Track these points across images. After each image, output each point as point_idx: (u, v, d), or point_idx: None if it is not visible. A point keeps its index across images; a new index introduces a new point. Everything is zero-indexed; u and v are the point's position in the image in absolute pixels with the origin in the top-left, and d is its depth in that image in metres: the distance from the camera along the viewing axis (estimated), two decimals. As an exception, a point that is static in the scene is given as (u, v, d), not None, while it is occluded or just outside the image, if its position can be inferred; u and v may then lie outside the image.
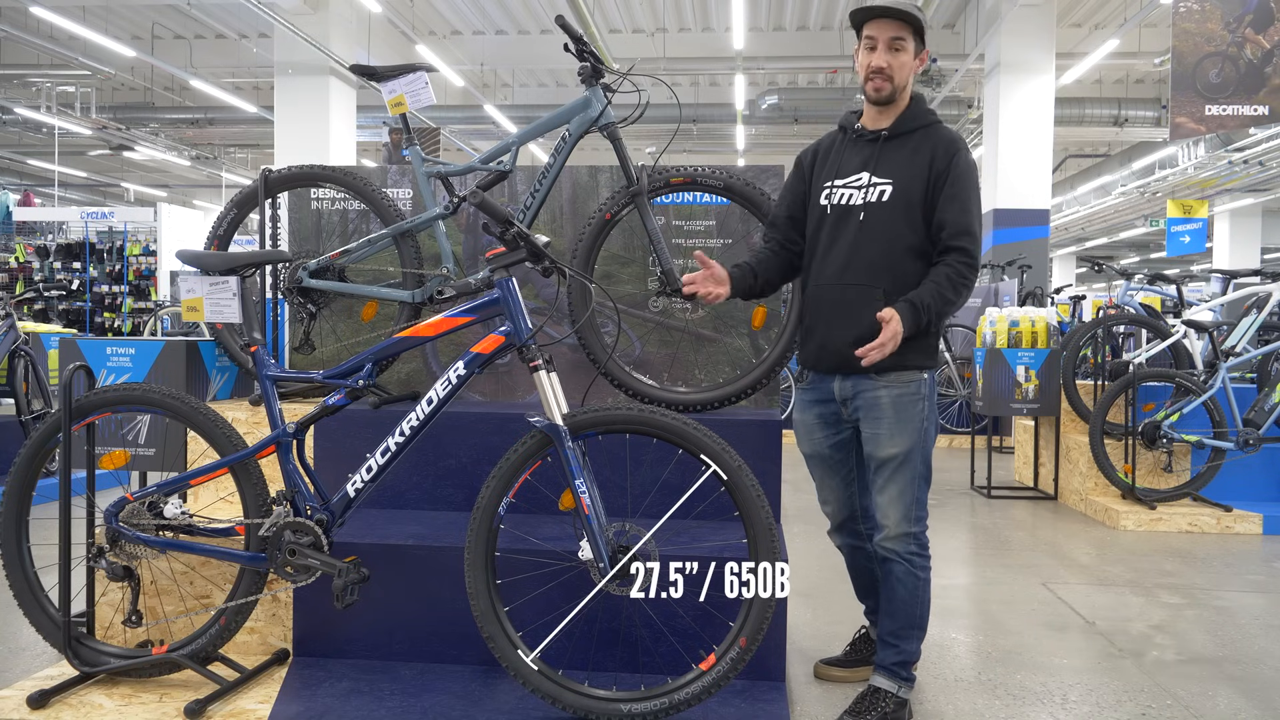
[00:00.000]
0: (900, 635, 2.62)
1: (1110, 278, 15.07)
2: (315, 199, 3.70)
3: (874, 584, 2.86)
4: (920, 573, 2.61)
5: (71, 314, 12.35)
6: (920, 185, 2.60)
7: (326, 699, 2.53)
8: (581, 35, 2.92)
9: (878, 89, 2.63)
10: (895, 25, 2.59)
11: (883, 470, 2.62)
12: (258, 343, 2.65)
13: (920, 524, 2.61)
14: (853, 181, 2.68)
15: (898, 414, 2.59)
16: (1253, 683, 3.07)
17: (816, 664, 3.01)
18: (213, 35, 14.52)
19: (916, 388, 2.61)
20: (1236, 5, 7.14)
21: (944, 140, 2.63)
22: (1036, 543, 5.08)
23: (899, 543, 2.59)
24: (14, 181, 21.23)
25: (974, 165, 2.67)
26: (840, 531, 2.88)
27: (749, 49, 12.69)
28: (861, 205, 2.64)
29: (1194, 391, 5.60)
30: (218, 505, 3.19)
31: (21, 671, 2.97)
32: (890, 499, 2.60)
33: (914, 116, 2.67)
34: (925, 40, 2.67)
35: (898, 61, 2.61)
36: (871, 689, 2.62)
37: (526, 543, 2.66)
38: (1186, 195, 15.51)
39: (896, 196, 2.61)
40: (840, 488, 2.82)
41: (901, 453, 2.58)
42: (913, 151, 2.63)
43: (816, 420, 2.78)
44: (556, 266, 2.40)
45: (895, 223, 2.61)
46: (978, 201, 2.62)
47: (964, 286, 2.57)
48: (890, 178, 2.63)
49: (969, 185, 2.60)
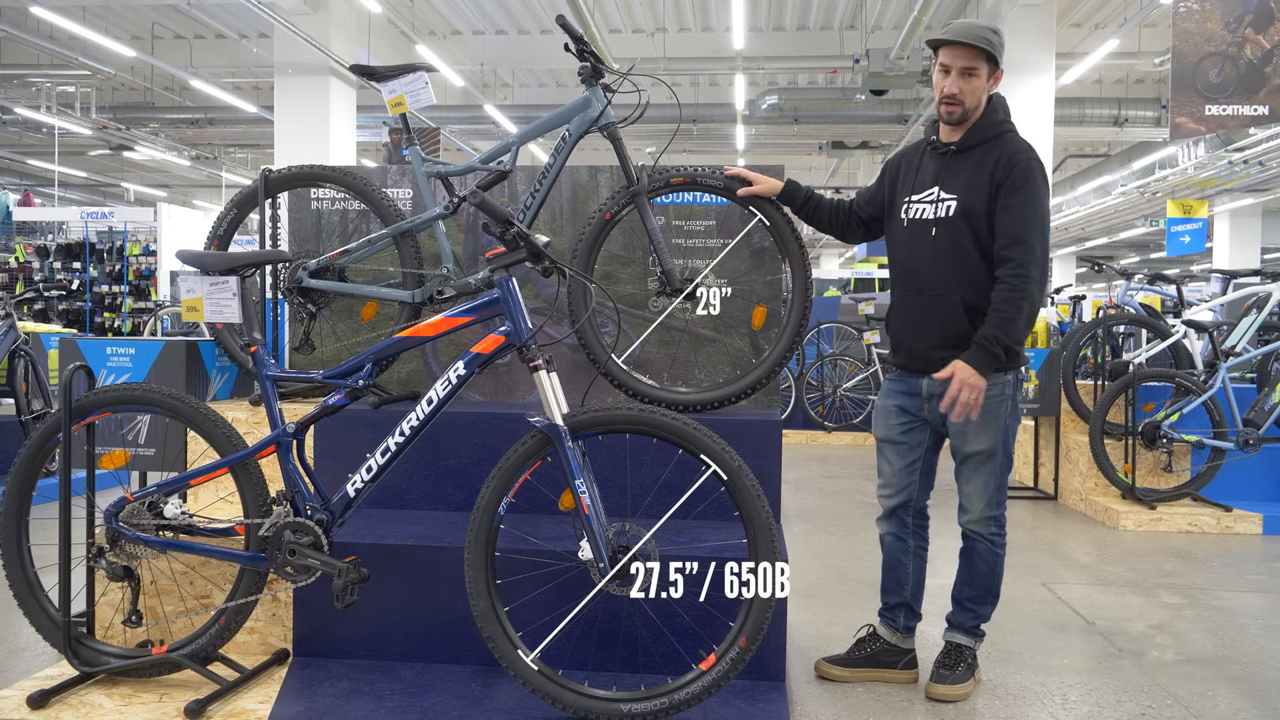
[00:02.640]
0: (978, 601, 2.91)
1: (1110, 278, 15.07)
2: (315, 199, 3.70)
3: (900, 581, 2.99)
4: (999, 550, 2.88)
5: (71, 314, 12.35)
6: (983, 199, 2.76)
7: (326, 699, 2.53)
8: (581, 35, 2.92)
9: (949, 112, 2.81)
10: (969, 54, 2.75)
11: (969, 462, 2.85)
12: (258, 343, 2.65)
13: (1001, 507, 2.87)
14: (926, 196, 2.86)
15: (983, 412, 2.76)
16: (1253, 683, 3.07)
17: (818, 662, 3.03)
18: (213, 35, 14.53)
19: (1001, 389, 2.80)
20: (1236, 5, 7.14)
21: (1007, 151, 2.76)
22: (1036, 543, 5.08)
23: (983, 525, 2.85)
24: (14, 181, 21.23)
25: (1036, 172, 2.75)
26: (888, 519, 3.01)
27: (749, 49, 12.71)
28: (933, 220, 2.83)
29: (1194, 391, 5.60)
30: (218, 505, 3.19)
31: (21, 671, 2.97)
32: (976, 488, 2.84)
33: (983, 129, 2.82)
34: (1000, 61, 2.80)
35: (969, 87, 2.77)
36: (955, 645, 2.92)
37: (526, 543, 2.66)
38: (1186, 195, 15.50)
39: (961, 211, 2.78)
40: (903, 470, 2.96)
41: (987, 449, 2.81)
42: (977, 164, 2.78)
43: (896, 408, 2.97)
44: (556, 266, 2.40)
45: (964, 237, 2.77)
46: (1036, 207, 2.72)
47: (1020, 298, 2.69)
48: (956, 193, 2.79)
49: (1026, 193, 2.71)
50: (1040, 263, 2.69)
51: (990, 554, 2.86)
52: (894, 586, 3.00)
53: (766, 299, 3.45)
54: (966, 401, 2.67)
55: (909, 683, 2.96)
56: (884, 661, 2.98)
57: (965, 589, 2.92)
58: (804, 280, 3.09)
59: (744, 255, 3.44)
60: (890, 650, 2.98)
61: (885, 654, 2.98)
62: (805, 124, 14.55)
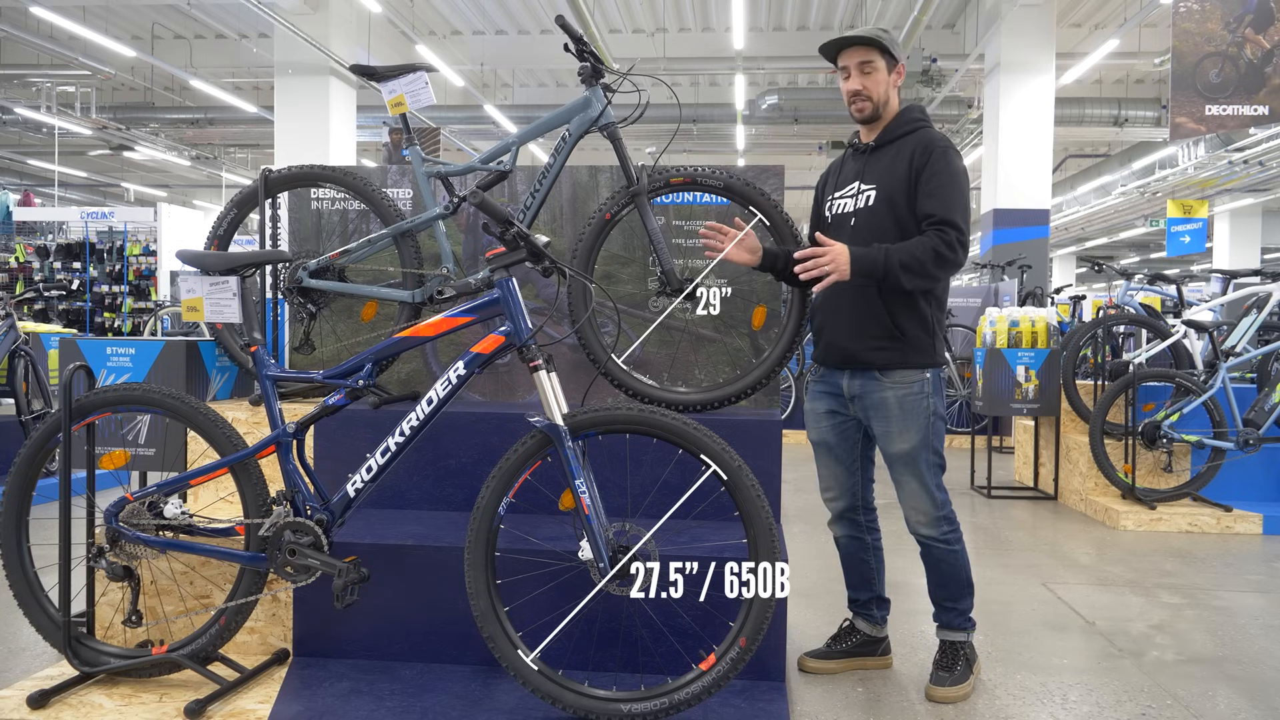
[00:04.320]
0: (954, 598, 2.92)
1: (1110, 278, 15.08)
2: (315, 199, 3.70)
3: (866, 578, 3.08)
4: (955, 545, 2.87)
5: (71, 314, 12.35)
6: (902, 186, 2.79)
7: (326, 699, 2.53)
8: (581, 35, 2.92)
9: (860, 110, 2.88)
10: (862, 51, 2.84)
11: (897, 465, 2.85)
12: (258, 343, 2.65)
13: (945, 506, 2.85)
14: (847, 192, 2.93)
15: (904, 412, 2.80)
16: (1253, 683, 3.07)
17: (800, 658, 3.09)
18: (213, 35, 14.52)
19: (920, 386, 2.81)
20: (1236, 5, 7.14)
21: (923, 142, 2.80)
22: (1036, 543, 5.08)
23: (933, 527, 2.85)
24: (14, 181, 21.23)
25: (952, 161, 2.78)
26: (840, 521, 3.06)
27: (749, 49, 12.69)
28: (853, 212, 2.88)
29: (1194, 391, 5.60)
30: (218, 505, 3.19)
31: (21, 671, 2.97)
32: (914, 491, 2.84)
33: (898, 125, 2.88)
34: (896, 54, 2.86)
35: (871, 82, 2.84)
36: (949, 644, 2.94)
37: (526, 543, 2.66)
38: (1186, 195, 15.50)
39: (881, 200, 2.82)
40: (844, 476, 3.02)
41: (911, 448, 2.80)
42: (894, 156, 2.83)
43: (825, 409, 3.00)
44: (556, 266, 2.40)
45: (883, 225, 2.81)
46: (959, 194, 2.74)
47: (941, 256, 2.66)
48: (875, 183, 2.85)
49: (947, 180, 2.73)
50: (965, 243, 2.70)
51: (949, 555, 2.86)
52: (860, 583, 3.09)
53: (766, 299, 3.45)
54: (819, 268, 2.61)
55: (886, 668, 3.11)
56: (865, 651, 3.10)
57: (939, 590, 2.94)
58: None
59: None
60: (869, 641, 3.11)
61: (864, 645, 3.10)
62: (805, 124, 14.53)
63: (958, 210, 2.70)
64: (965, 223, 2.72)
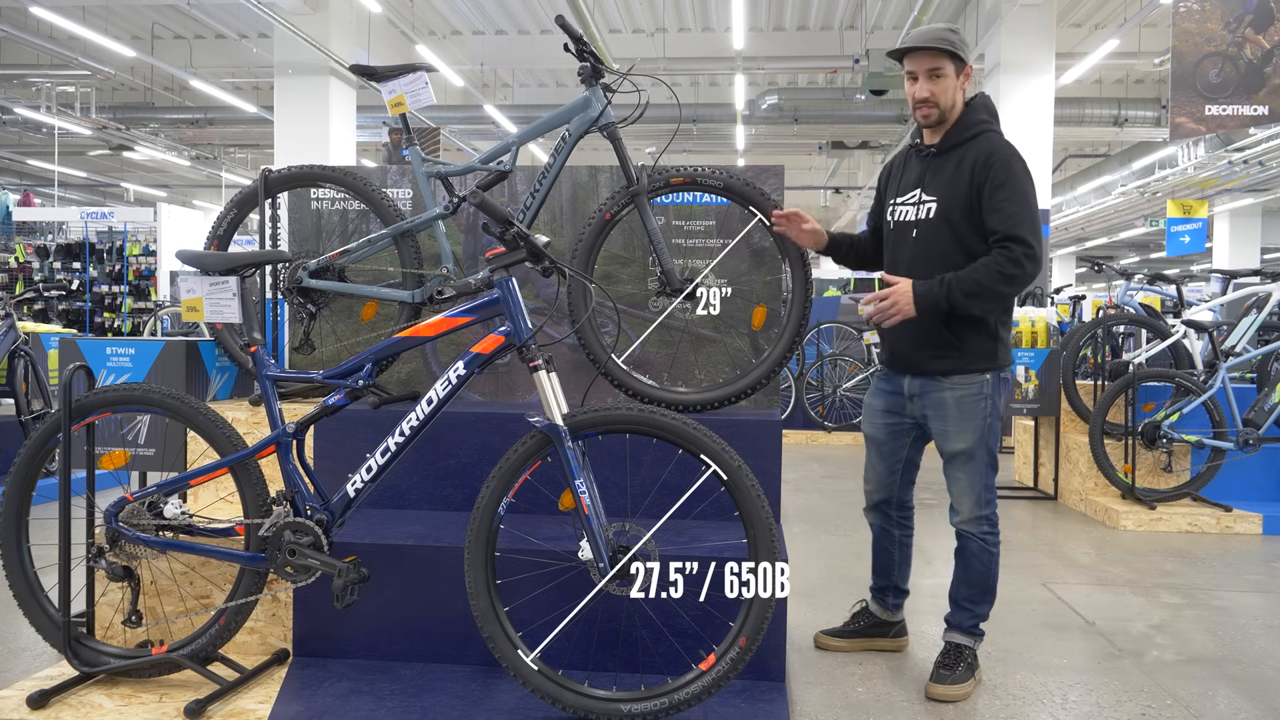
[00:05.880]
0: (975, 600, 2.94)
1: (1110, 278, 15.07)
2: (315, 199, 3.70)
3: (887, 566, 3.19)
4: (992, 548, 2.90)
5: (71, 314, 12.36)
6: (962, 201, 2.80)
7: (326, 699, 2.53)
8: (581, 35, 2.92)
9: (925, 116, 2.87)
10: (931, 56, 2.81)
11: (953, 462, 2.90)
12: (258, 343, 2.65)
13: (990, 506, 2.90)
14: (909, 199, 2.95)
15: (961, 412, 2.85)
16: (1253, 683, 3.07)
17: (817, 634, 3.26)
18: (213, 35, 14.52)
19: (979, 388, 2.86)
20: (1236, 5, 7.14)
21: (984, 153, 2.79)
22: (1036, 543, 5.08)
23: (973, 525, 2.89)
24: (14, 181, 21.23)
25: (1015, 170, 2.77)
26: (874, 511, 3.18)
27: (749, 49, 12.70)
28: (914, 222, 2.91)
29: (1194, 391, 5.60)
30: (218, 505, 3.19)
31: (21, 671, 2.97)
32: (962, 488, 2.89)
33: (962, 129, 2.87)
34: (965, 56, 2.84)
35: (939, 88, 2.82)
36: (955, 645, 2.94)
37: (526, 543, 2.66)
38: (1186, 195, 15.50)
39: (941, 213, 2.84)
40: (885, 473, 3.11)
41: (967, 448, 2.86)
42: (956, 166, 2.83)
43: (882, 407, 3.09)
44: (556, 266, 2.40)
45: (944, 238, 2.84)
46: (1023, 205, 2.74)
47: (1008, 276, 2.70)
48: (936, 195, 2.86)
49: (1010, 192, 2.74)
50: (1035, 255, 2.71)
51: (984, 552, 2.90)
52: (880, 570, 3.21)
53: (766, 299, 3.45)
54: (884, 310, 2.76)
55: (898, 650, 3.22)
56: (877, 633, 3.23)
57: (962, 589, 2.96)
58: (804, 280, 3.09)
59: (744, 255, 3.44)
60: (882, 624, 3.24)
61: (877, 627, 3.24)
62: (805, 124, 14.54)
63: (1023, 223, 2.71)
64: (1033, 232, 2.72)
